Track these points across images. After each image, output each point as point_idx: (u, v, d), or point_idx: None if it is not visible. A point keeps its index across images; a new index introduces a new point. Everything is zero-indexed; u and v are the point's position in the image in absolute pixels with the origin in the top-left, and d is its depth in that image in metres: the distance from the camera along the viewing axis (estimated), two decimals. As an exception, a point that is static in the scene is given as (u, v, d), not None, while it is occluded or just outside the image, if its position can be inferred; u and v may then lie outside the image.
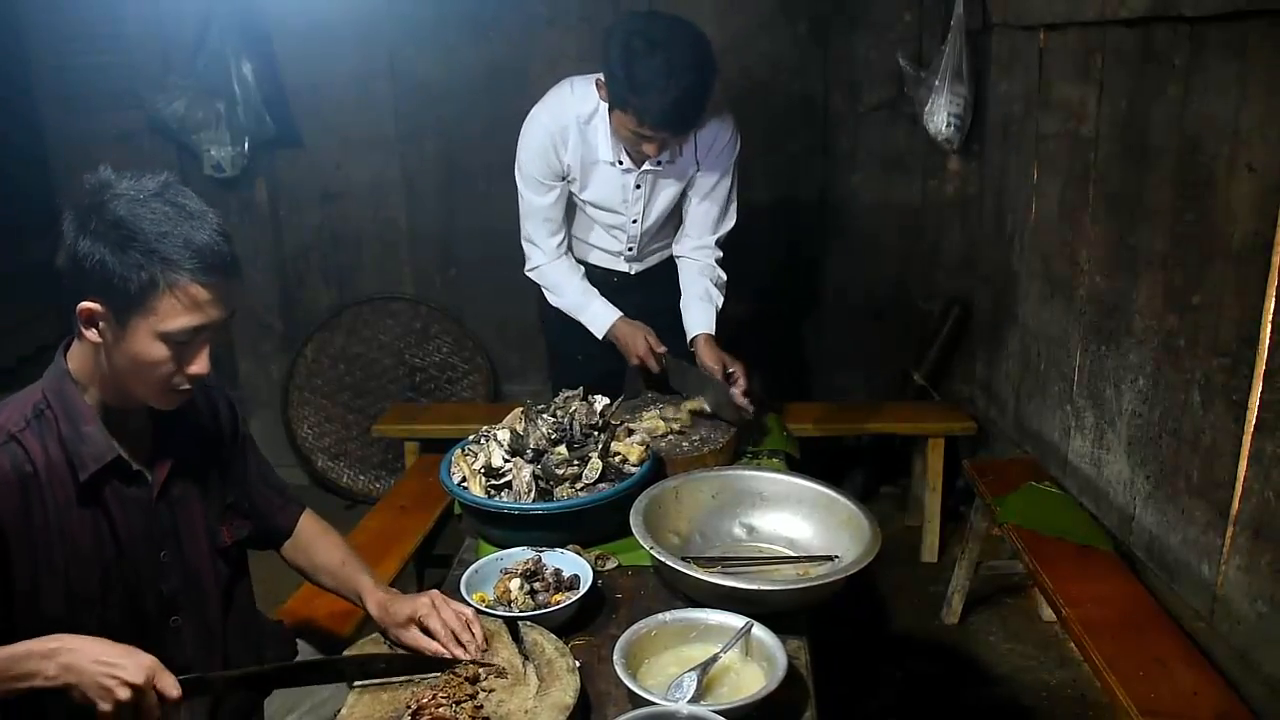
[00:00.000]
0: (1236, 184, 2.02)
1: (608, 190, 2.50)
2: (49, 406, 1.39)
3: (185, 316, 1.33)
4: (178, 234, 1.31)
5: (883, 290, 3.91)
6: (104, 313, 1.33)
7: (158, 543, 1.48)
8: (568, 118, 2.40)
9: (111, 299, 1.31)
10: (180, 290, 1.31)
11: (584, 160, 2.45)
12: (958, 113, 3.42)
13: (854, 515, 1.78)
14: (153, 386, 1.39)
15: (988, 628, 3.12)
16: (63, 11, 3.66)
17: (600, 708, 1.45)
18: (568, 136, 2.41)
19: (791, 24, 3.66)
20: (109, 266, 1.29)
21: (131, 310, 1.31)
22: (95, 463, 1.39)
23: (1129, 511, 2.54)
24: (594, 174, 2.47)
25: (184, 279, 1.31)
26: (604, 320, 2.53)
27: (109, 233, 1.29)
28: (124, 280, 1.29)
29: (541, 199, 2.52)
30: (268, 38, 3.68)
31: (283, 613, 2.23)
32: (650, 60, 2.11)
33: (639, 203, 2.52)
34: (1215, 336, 2.12)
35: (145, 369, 1.36)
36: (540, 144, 2.43)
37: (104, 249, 1.29)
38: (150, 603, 1.48)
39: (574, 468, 1.93)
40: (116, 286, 1.30)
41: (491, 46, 3.72)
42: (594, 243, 2.67)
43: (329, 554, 1.72)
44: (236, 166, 3.70)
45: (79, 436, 1.38)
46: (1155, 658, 2.07)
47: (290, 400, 4.08)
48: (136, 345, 1.34)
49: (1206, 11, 2.07)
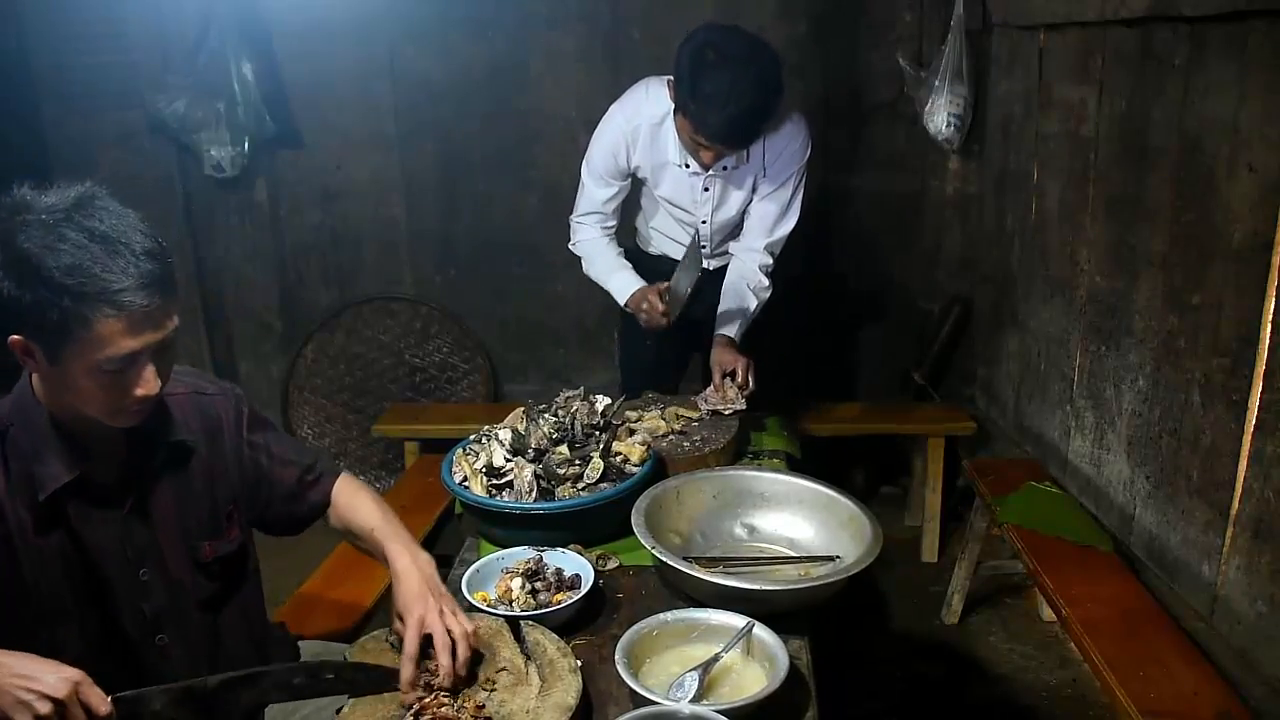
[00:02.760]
0: (1236, 184, 2.02)
1: (678, 190, 2.55)
2: (12, 425, 1.36)
3: (115, 346, 1.24)
4: (89, 264, 1.20)
5: (883, 290, 3.91)
6: (32, 347, 1.26)
7: (135, 561, 1.44)
8: (640, 118, 2.45)
9: (35, 335, 1.25)
10: (103, 323, 1.22)
11: (654, 161, 2.50)
12: (958, 113, 3.42)
13: (855, 515, 1.78)
14: (102, 411, 1.33)
15: (988, 628, 3.13)
16: (63, 11, 3.65)
17: (602, 707, 1.45)
18: (638, 137, 2.47)
19: (791, 24, 3.66)
20: (23, 304, 1.21)
21: (59, 345, 1.24)
22: (53, 483, 1.35)
23: (1129, 511, 2.55)
24: (664, 174, 2.53)
25: (104, 311, 1.22)
26: (626, 290, 2.55)
27: (16, 268, 1.20)
28: (40, 317, 1.21)
29: (601, 191, 2.57)
30: (268, 37, 3.68)
31: (282, 613, 2.23)
32: (718, 73, 2.15)
33: (708, 204, 2.56)
34: (1215, 336, 2.12)
35: (88, 399, 1.30)
36: (612, 142, 2.49)
37: (13, 286, 1.21)
38: (130, 621, 1.45)
39: (575, 467, 1.93)
40: (35, 324, 1.23)
41: (491, 46, 3.72)
42: (675, 238, 2.71)
43: (361, 522, 1.66)
44: (236, 166, 3.69)
45: (38, 457, 1.35)
46: (1155, 658, 2.07)
47: (290, 400, 4.08)
48: (71, 379, 1.28)
49: (1206, 11, 2.07)
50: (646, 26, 3.66)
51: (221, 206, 3.91)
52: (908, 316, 3.92)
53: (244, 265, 4.00)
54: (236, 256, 3.98)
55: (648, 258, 2.76)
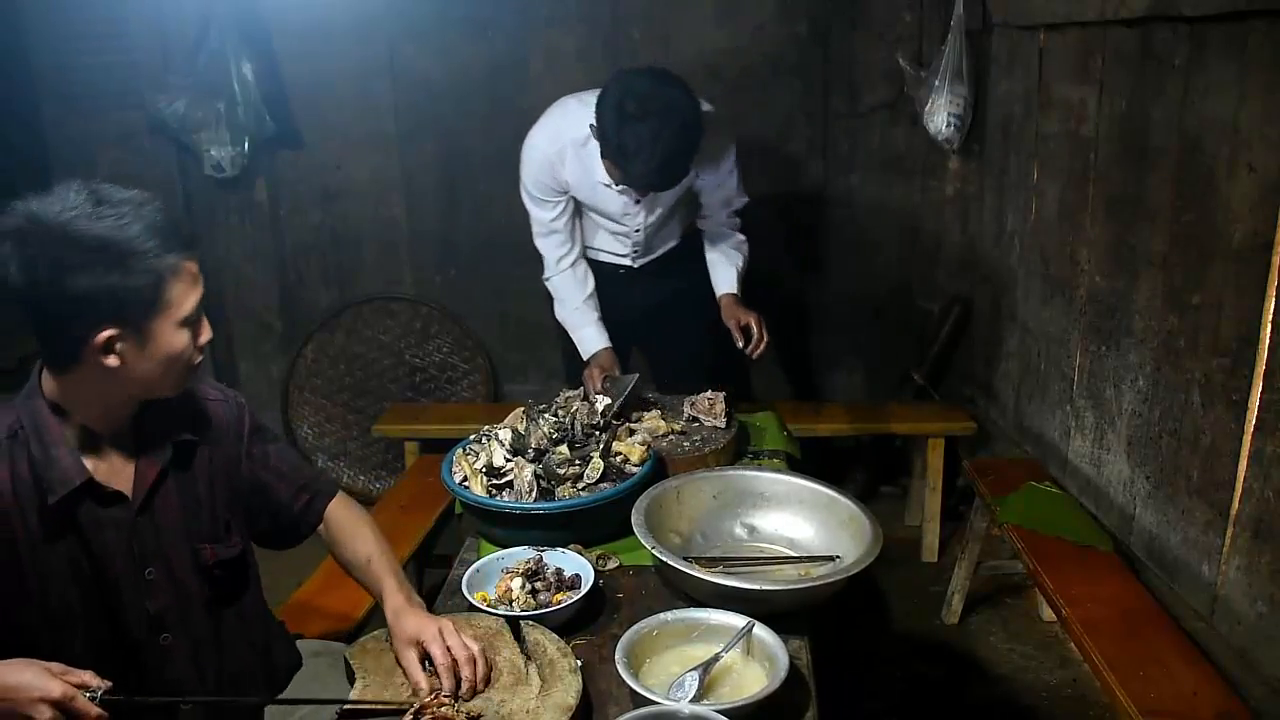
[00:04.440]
0: (1236, 184, 2.02)
1: (608, 206, 2.60)
2: (22, 428, 1.37)
3: (193, 293, 1.37)
4: (147, 224, 1.30)
5: (883, 290, 3.91)
6: (121, 334, 1.31)
7: (142, 561, 1.45)
8: (563, 141, 2.48)
9: (127, 316, 1.31)
10: (180, 272, 1.34)
11: (582, 180, 2.53)
12: (958, 113, 3.42)
13: (855, 515, 1.78)
14: (178, 375, 1.41)
15: (988, 628, 3.13)
16: (64, 11, 3.66)
17: (602, 707, 1.45)
18: (564, 158, 2.50)
19: (791, 24, 3.66)
20: (116, 287, 1.27)
21: (150, 315, 1.32)
22: (63, 487, 1.36)
23: (1129, 511, 2.55)
24: (594, 192, 2.56)
25: (176, 260, 1.33)
26: (591, 347, 2.61)
27: (103, 252, 1.26)
28: (136, 292, 1.29)
29: (546, 213, 2.61)
30: (268, 37, 3.68)
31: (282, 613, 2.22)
32: (639, 126, 2.17)
33: (639, 215, 2.62)
34: (1215, 336, 2.12)
35: (173, 362, 1.38)
36: (538, 165, 2.54)
37: (101, 274, 1.26)
38: (135, 621, 1.46)
39: (575, 467, 1.93)
40: (129, 301, 1.29)
41: (491, 45, 3.72)
42: (600, 245, 2.77)
43: (357, 549, 1.66)
44: (236, 166, 3.69)
45: (48, 460, 1.36)
46: (1155, 658, 2.07)
47: (290, 400, 4.08)
48: (163, 344, 1.35)
49: (1206, 11, 2.07)
50: (646, 26, 3.66)
51: (221, 206, 3.91)
52: (908, 316, 3.92)
53: (244, 265, 4.00)
54: (236, 256, 3.98)
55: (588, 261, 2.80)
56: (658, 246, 2.80)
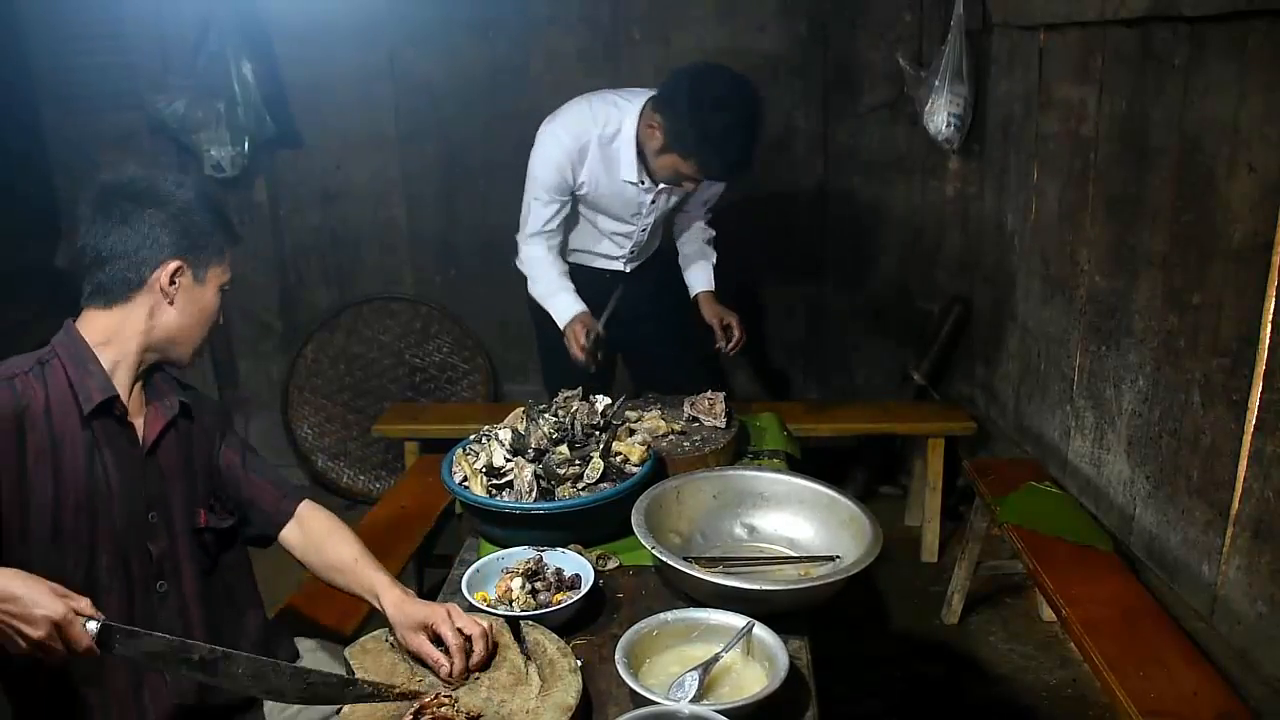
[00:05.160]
0: (1236, 184, 2.02)
1: (621, 204, 2.62)
2: (56, 357, 1.49)
3: (228, 273, 1.63)
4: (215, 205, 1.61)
5: (883, 290, 3.92)
6: (187, 269, 1.54)
7: (147, 501, 1.54)
8: (588, 137, 2.50)
9: (198, 255, 1.56)
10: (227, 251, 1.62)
11: (601, 177, 2.55)
12: (958, 113, 3.42)
13: (855, 515, 1.78)
14: (199, 339, 1.62)
15: (988, 628, 3.13)
16: (62, 12, 3.66)
17: (602, 707, 1.45)
18: (586, 155, 2.51)
19: (791, 24, 3.66)
20: (208, 226, 1.56)
21: (210, 264, 1.58)
22: (100, 394, 1.47)
23: (1129, 511, 2.55)
24: (610, 189, 2.58)
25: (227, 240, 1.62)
26: (565, 313, 2.61)
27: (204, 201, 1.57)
28: (211, 239, 1.57)
29: (546, 210, 2.62)
30: (268, 38, 3.68)
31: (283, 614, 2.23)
32: (723, 116, 2.27)
33: (651, 214, 2.66)
34: (1215, 336, 2.12)
35: (205, 320, 1.61)
36: (557, 160, 2.52)
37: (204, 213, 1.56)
38: (138, 562, 1.52)
39: (575, 467, 1.93)
40: (206, 245, 1.56)
41: (492, 46, 3.72)
42: (597, 250, 2.80)
43: (341, 550, 1.69)
44: (236, 166, 3.69)
45: (85, 374, 1.48)
46: (1155, 658, 2.07)
47: (290, 400, 4.08)
48: (208, 295, 1.59)
49: (1206, 11, 2.07)
50: (647, 27, 3.66)
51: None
52: (908, 316, 3.92)
53: (244, 265, 3.99)
54: (236, 256, 3.94)
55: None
56: (650, 248, 2.84)
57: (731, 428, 2.27)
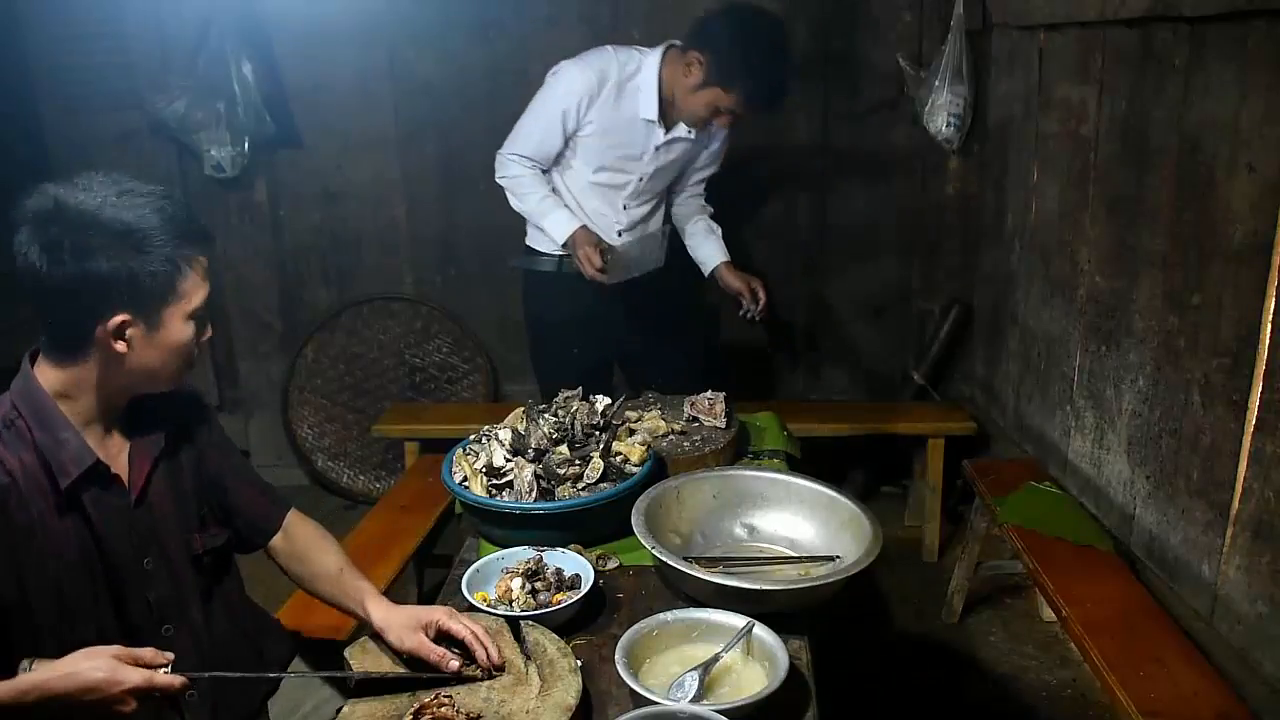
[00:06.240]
0: (1236, 184, 2.02)
1: (630, 145, 2.66)
2: (20, 416, 1.36)
3: (203, 289, 1.40)
4: (168, 215, 1.34)
5: (883, 290, 3.91)
6: (132, 319, 1.34)
7: (140, 550, 1.46)
8: (610, 73, 2.58)
9: (140, 302, 1.33)
10: (195, 265, 1.38)
11: (615, 115, 2.61)
12: (958, 113, 3.42)
13: (855, 515, 1.78)
14: (178, 369, 1.44)
15: (988, 628, 3.13)
16: (62, 12, 3.66)
17: (602, 707, 1.45)
18: (601, 92, 2.58)
19: (791, 24, 3.65)
20: (134, 272, 1.31)
21: (164, 304, 1.35)
22: (76, 468, 1.36)
23: (1129, 511, 2.54)
24: (619, 129, 2.63)
25: (193, 252, 1.38)
26: (566, 227, 2.63)
27: (120, 240, 1.30)
28: (151, 278, 1.32)
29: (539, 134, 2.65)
30: (268, 38, 3.67)
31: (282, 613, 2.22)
32: (760, 46, 2.42)
33: (653, 164, 2.70)
34: (1215, 336, 2.12)
35: (178, 354, 1.41)
36: (573, 93, 2.58)
37: (122, 258, 1.29)
38: (138, 611, 1.46)
39: (575, 467, 1.93)
40: (144, 287, 1.32)
41: (492, 47, 3.71)
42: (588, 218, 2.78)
43: (326, 561, 1.67)
44: (236, 166, 3.69)
45: (57, 443, 1.36)
46: (1155, 658, 2.07)
47: (290, 400, 4.08)
48: (171, 334, 1.38)
49: (1206, 11, 2.07)
50: (646, 26, 3.65)
51: (221, 206, 3.90)
52: (908, 316, 3.92)
53: (244, 265, 4.00)
54: (236, 256, 3.98)
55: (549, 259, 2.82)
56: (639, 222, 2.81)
57: (731, 428, 2.27)
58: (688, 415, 2.31)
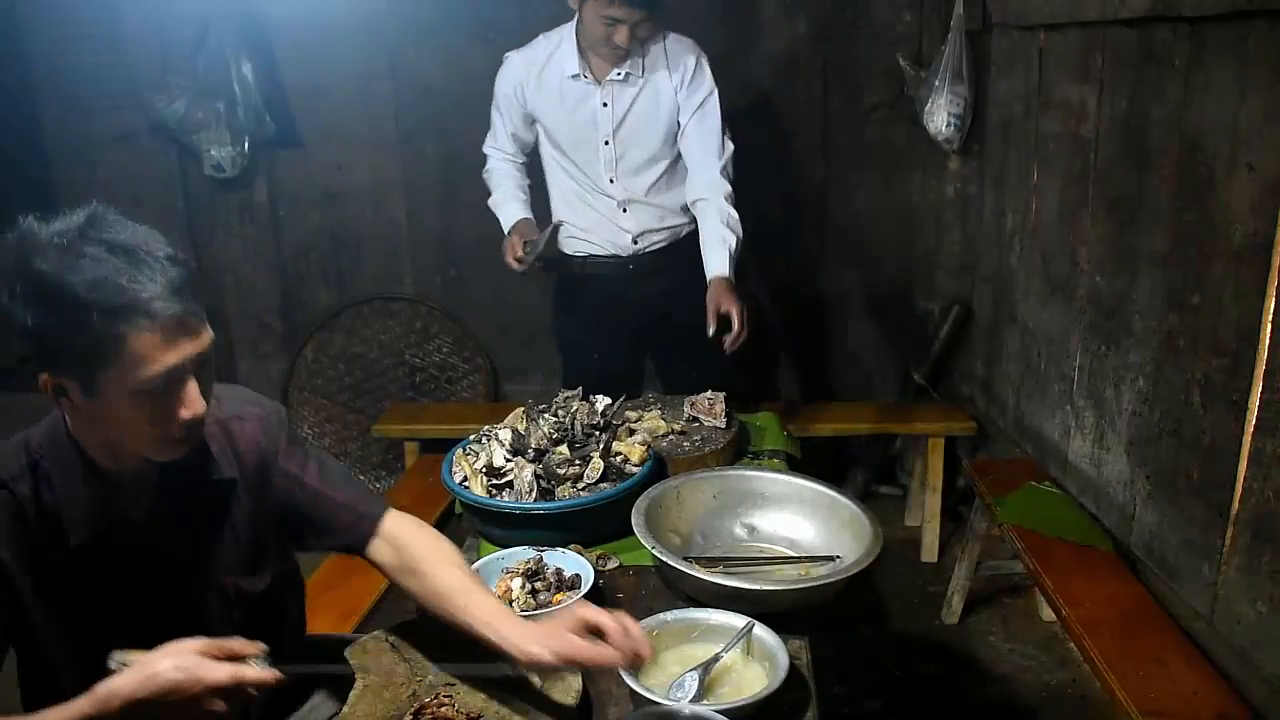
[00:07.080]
0: (1236, 184, 2.02)
1: (577, 111, 2.66)
2: (44, 458, 1.27)
3: (154, 362, 1.15)
4: (114, 276, 1.12)
5: (883, 290, 3.91)
6: (65, 384, 1.18)
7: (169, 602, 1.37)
8: (540, 51, 2.67)
9: (68, 368, 1.16)
10: (137, 338, 1.13)
11: (552, 89, 2.65)
12: (958, 113, 3.42)
13: (855, 515, 1.78)
14: (148, 442, 1.24)
15: (988, 628, 3.13)
16: (62, 12, 3.65)
17: (602, 707, 1.45)
18: (533, 72, 2.66)
19: (791, 24, 3.66)
20: (50, 334, 1.13)
21: (94, 373, 1.15)
22: (84, 529, 1.27)
23: (1129, 511, 2.54)
24: (562, 100, 2.65)
25: (137, 323, 1.13)
26: (509, 221, 2.74)
27: (37, 295, 1.12)
28: (72, 345, 1.13)
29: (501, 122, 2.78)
30: (268, 38, 3.67)
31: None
32: None
33: (609, 121, 2.66)
34: (1215, 336, 2.12)
35: (132, 430, 1.21)
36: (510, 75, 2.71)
37: (40, 314, 1.12)
38: None
39: (575, 467, 1.93)
40: (66, 353, 1.15)
41: (492, 47, 3.68)
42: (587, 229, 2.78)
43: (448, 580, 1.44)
44: (236, 166, 3.69)
45: (71, 499, 1.27)
46: (1155, 658, 2.07)
47: (290, 400, 4.08)
48: (113, 409, 1.18)
49: (1206, 11, 2.07)
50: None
51: (221, 206, 3.91)
52: (908, 316, 3.92)
53: (244, 265, 4.00)
54: (236, 257, 3.98)
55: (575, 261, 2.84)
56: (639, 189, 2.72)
57: (731, 428, 2.27)
58: (688, 415, 2.31)
